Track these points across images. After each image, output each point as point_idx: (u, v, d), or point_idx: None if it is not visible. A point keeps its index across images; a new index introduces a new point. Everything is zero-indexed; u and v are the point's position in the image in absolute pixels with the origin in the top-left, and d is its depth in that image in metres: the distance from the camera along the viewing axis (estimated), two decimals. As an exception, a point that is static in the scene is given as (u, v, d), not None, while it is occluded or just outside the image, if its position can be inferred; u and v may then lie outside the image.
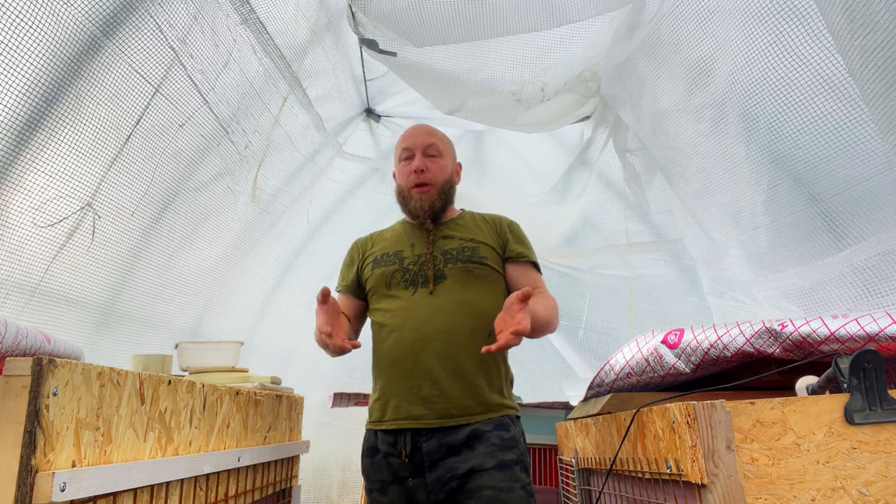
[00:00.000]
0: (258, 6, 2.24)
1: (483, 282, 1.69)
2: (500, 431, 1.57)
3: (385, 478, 1.60)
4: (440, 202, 1.77)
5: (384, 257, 1.76)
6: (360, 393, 3.25)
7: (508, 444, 1.56)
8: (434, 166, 1.78)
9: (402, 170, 1.80)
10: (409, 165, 1.78)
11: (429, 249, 1.71)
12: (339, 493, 3.76)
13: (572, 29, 2.47)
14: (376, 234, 1.90)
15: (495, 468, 1.51)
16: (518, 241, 1.81)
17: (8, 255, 1.68)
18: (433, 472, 1.53)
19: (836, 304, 1.99)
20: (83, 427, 0.95)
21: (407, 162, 1.79)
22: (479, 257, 1.70)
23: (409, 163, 1.78)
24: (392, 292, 1.70)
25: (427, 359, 1.58)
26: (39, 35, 1.52)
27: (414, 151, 1.78)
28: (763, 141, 2.01)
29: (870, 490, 0.98)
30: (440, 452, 1.54)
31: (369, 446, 1.67)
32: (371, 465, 1.64)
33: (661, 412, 1.13)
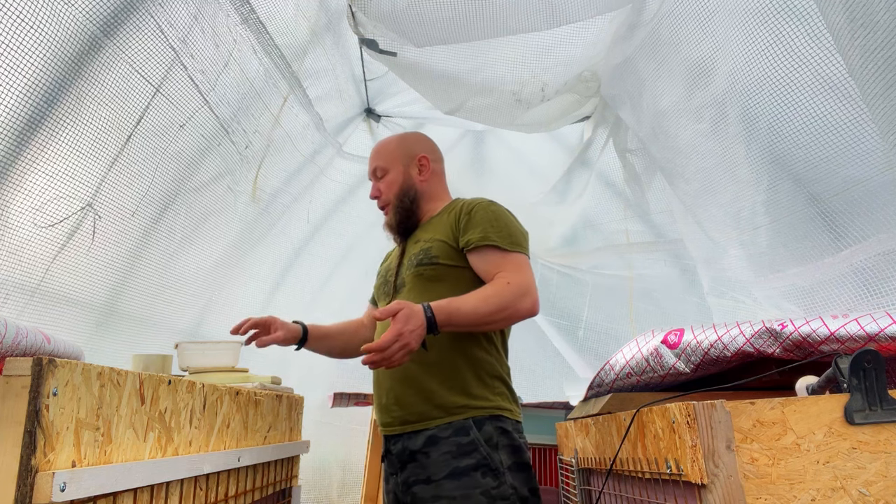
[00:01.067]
0: (258, 6, 2.24)
1: (438, 282, 1.61)
2: (457, 437, 1.50)
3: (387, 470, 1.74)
4: (398, 216, 1.83)
5: (379, 272, 1.93)
6: (360, 393, 3.25)
7: (465, 451, 1.49)
8: (383, 186, 1.87)
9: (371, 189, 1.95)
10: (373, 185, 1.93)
11: (398, 260, 1.81)
12: (339, 493, 3.76)
13: (572, 29, 2.47)
14: (384, 260, 2.03)
15: (447, 477, 1.46)
16: (472, 227, 1.61)
17: (8, 256, 1.68)
18: (401, 474, 1.61)
19: (836, 304, 1.99)
20: (83, 427, 0.95)
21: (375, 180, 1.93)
22: (429, 258, 1.63)
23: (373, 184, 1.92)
24: (380, 305, 1.84)
25: (382, 369, 1.63)
26: (40, 35, 1.52)
27: (372, 174, 1.91)
28: (763, 141, 2.01)
29: (870, 490, 0.98)
30: (405, 455, 1.60)
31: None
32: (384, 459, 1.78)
33: (661, 412, 1.13)
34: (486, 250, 1.58)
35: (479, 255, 1.59)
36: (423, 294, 1.59)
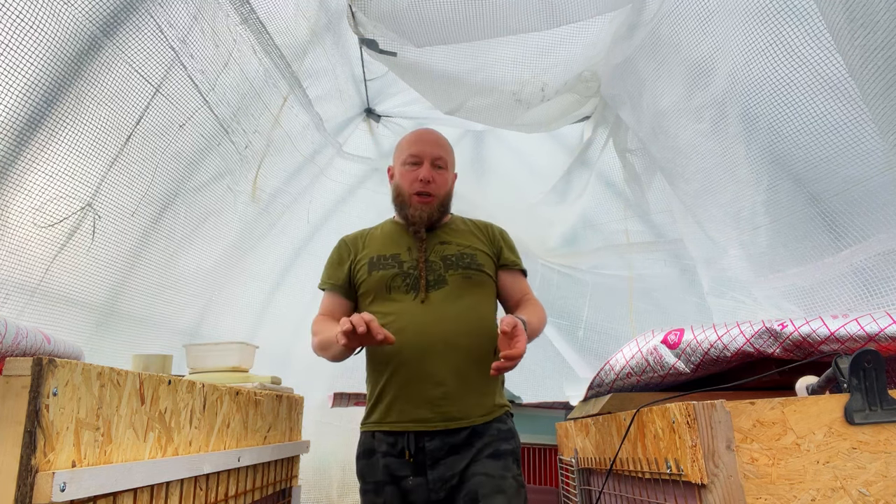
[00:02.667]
0: (258, 6, 2.24)
1: (480, 288, 1.74)
2: (498, 424, 1.65)
3: (379, 478, 1.61)
4: (438, 214, 1.79)
5: (381, 260, 1.75)
6: (360, 393, 3.25)
7: (505, 436, 1.64)
8: (440, 178, 1.78)
9: (405, 173, 1.78)
10: (414, 171, 1.76)
11: (422, 255, 1.74)
12: (339, 493, 3.76)
13: (572, 29, 2.47)
14: (366, 233, 1.88)
15: (489, 457, 1.58)
16: (510, 250, 1.87)
17: (8, 255, 1.68)
18: (435, 470, 1.56)
19: (836, 304, 1.99)
20: (83, 427, 0.95)
21: (413, 167, 1.77)
22: (477, 264, 1.74)
23: (416, 169, 1.77)
24: (393, 296, 1.69)
25: (432, 363, 1.60)
26: (40, 35, 1.52)
27: (422, 159, 1.77)
28: (763, 141, 2.01)
29: (870, 490, 0.98)
30: (442, 451, 1.57)
31: (365, 449, 1.68)
32: (367, 467, 1.65)
33: (661, 412, 1.13)
34: (518, 273, 1.86)
35: (512, 276, 1.84)
36: (464, 296, 1.70)
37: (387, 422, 1.63)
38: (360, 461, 1.68)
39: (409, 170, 1.77)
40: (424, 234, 1.78)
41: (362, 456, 1.68)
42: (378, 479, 1.61)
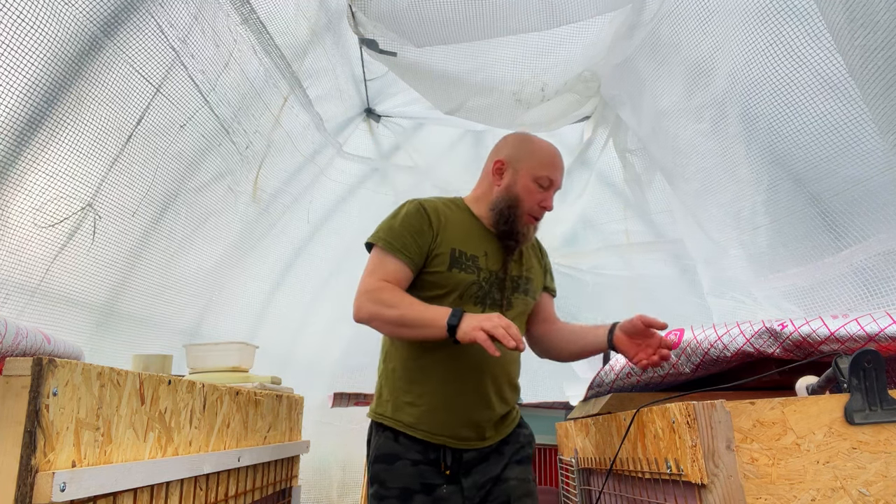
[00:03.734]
0: (258, 6, 2.24)
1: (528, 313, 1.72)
2: (520, 429, 1.66)
3: (408, 485, 1.50)
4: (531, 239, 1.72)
5: (463, 258, 1.59)
6: (360, 393, 3.25)
7: (528, 440, 1.66)
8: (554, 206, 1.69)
9: (533, 191, 1.61)
10: (541, 194, 1.62)
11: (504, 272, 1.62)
12: (339, 493, 3.76)
13: (572, 29, 2.47)
14: (443, 211, 1.65)
15: (517, 462, 1.60)
16: (551, 274, 1.84)
17: (8, 256, 1.68)
18: (469, 477, 1.54)
19: (836, 304, 1.99)
20: (83, 427, 0.95)
21: (542, 190, 1.62)
22: (534, 290, 1.70)
23: (543, 192, 1.62)
24: (463, 303, 1.56)
25: (485, 383, 1.55)
26: (40, 35, 1.52)
27: (554, 186, 1.64)
28: (763, 141, 2.01)
29: (870, 490, 0.98)
30: (476, 460, 1.57)
31: (387, 453, 1.54)
32: (388, 472, 1.52)
33: (661, 412, 1.13)
34: (550, 297, 1.82)
35: (549, 301, 1.80)
36: (523, 319, 1.68)
37: (420, 429, 1.53)
38: (379, 465, 1.54)
39: (538, 190, 1.62)
40: (515, 255, 1.66)
41: (382, 460, 1.54)
42: (404, 485, 1.50)
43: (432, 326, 1.40)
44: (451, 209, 1.66)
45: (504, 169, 1.67)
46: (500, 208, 1.63)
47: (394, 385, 1.59)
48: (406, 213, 1.61)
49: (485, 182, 1.71)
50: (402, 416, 1.55)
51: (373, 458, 1.57)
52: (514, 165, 1.65)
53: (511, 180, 1.64)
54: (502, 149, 1.72)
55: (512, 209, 1.62)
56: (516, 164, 1.65)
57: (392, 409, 1.57)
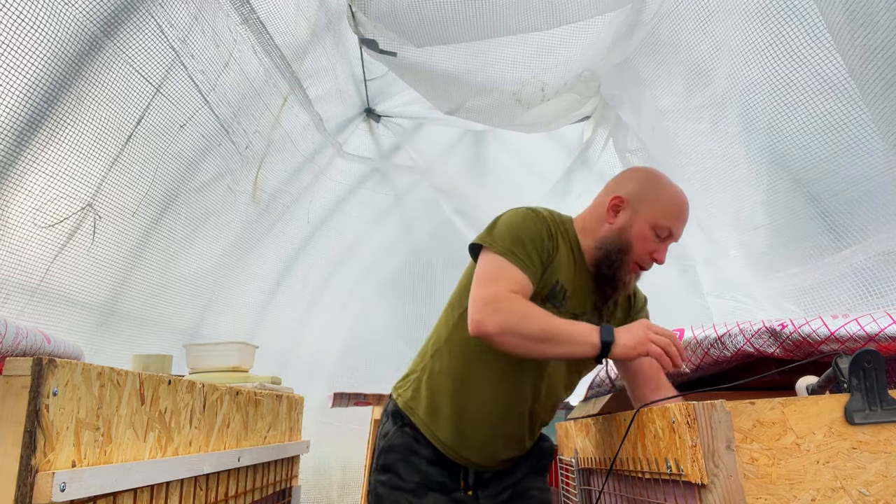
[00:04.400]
0: (258, 6, 2.24)
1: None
2: (541, 442, 1.63)
3: (425, 481, 1.45)
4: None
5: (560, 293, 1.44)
6: (360, 393, 3.25)
7: (548, 452, 1.63)
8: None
9: (647, 239, 1.44)
10: (655, 244, 1.45)
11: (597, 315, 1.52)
12: (339, 494, 3.76)
13: (572, 29, 2.47)
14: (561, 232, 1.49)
15: (535, 472, 1.59)
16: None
17: (8, 256, 1.68)
18: (487, 488, 1.53)
19: (836, 304, 1.99)
20: (83, 427, 0.95)
21: (658, 240, 1.45)
22: None
23: (658, 243, 1.45)
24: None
25: (525, 419, 1.49)
26: (40, 35, 1.52)
27: (672, 238, 1.47)
28: (763, 141, 2.01)
29: (870, 490, 0.98)
30: (490, 473, 1.55)
31: (405, 445, 1.47)
32: (404, 464, 1.45)
33: (661, 412, 1.13)
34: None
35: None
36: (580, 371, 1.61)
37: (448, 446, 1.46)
38: (394, 454, 1.47)
39: (653, 239, 1.45)
40: (612, 306, 1.55)
41: (399, 450, 1.47)
42: (421, 480, 1.44)
43: (581, 343, 1.25)
44: (563, 232, 1.50)
45: (622, 207, 1.48)
46: (608, 250, 1.46)
47: (435, 386, 1.48)
48: (529, 223, 1.43)
49: (596, 214, 1.52)
50: (434, 427, 1.47)
51: (387, 447, 1.48)
52: (634, 206, 1.47)
53: (626, 222, 1.46)
54: (624, 184, 1.53)
55: (620, 254, 1.45)
56: (637, 204, 1.47)
57: (426, 412, 1.48)
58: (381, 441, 1.52)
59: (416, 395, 1.51)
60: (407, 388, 1.54)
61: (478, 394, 1.44)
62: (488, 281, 1.34)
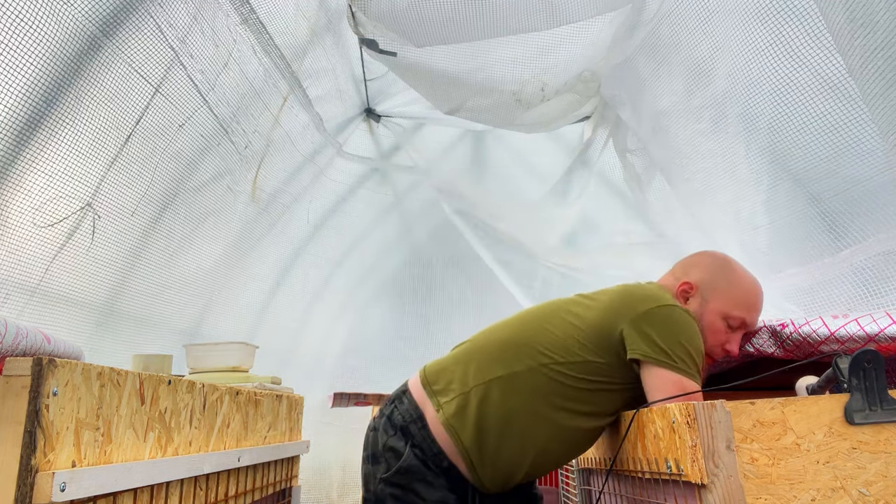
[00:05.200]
0: (258, 6, 2.24)
1: None
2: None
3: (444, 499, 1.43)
4: None
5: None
6: (360, 393, 3.25)
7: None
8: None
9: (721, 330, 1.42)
10: (728, 335, 1.42)
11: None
12: (339, 494, 3.76)
13: (572, 29, 2.47)
14: None
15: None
16: None
17: (8, 255, 1.68)
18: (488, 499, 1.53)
19: (836, 304, 1.99)
20: (83, 427, 0.95)
21: (729, 330, 1.42)
22: None
23: (730, 333, 1.42)
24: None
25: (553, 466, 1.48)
26: (39, 35, 1.52)
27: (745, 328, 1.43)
28: (763, 141, 2.01)
29: (870, 490, 0.98)
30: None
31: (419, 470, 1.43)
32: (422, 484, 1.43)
33: (661, 412, 1.13)
34: None
35: None
36: None
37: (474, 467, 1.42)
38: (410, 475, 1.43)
39: (725, 329, 1.42)
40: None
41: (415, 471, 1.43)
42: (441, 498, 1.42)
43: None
44: None
45: (691, 294, 1.46)
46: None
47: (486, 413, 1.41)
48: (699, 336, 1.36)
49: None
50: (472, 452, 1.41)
51: (404, 468, 1.43)
52: (705, 294, 1.44)
53: (697, 311, 1.43)
54: (695, 269, 1.49)
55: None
56: (708, 293, 1.44)
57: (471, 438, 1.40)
58: (389, 455, 1.46)
59: (461, 415, 1.42)
60: (450, 401, 1.44)
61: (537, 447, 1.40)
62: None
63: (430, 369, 1.53)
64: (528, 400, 1.39)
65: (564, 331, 1.43)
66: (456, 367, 1.48)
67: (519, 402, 1.39)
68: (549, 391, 1.36)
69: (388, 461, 1.47)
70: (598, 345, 1.38)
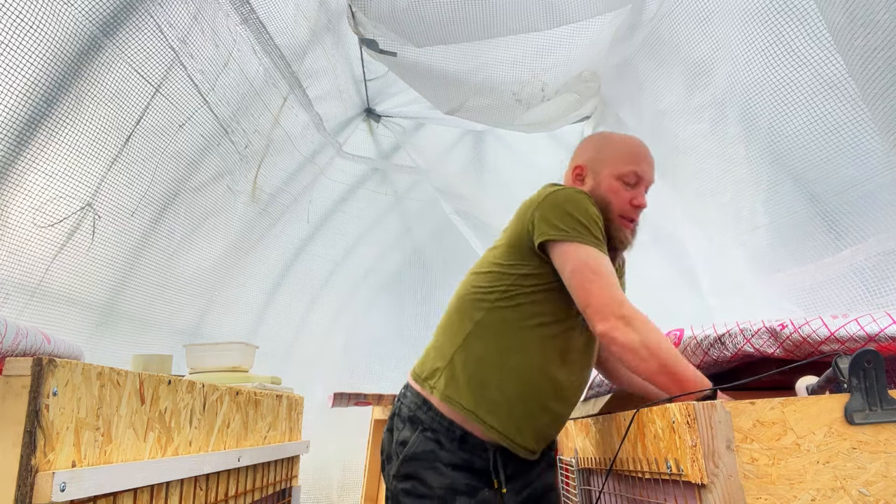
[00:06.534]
0: (258, 6, 2.24)
1: None
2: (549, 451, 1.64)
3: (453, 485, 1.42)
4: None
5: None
6: (360, 393, 3.25)
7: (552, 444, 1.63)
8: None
9: (619, 190, 1.51)
10: (630, 192, 1.51)
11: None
12: (338, 494, 3.76)
13: (572, 29, 2.47)
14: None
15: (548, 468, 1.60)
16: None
17: (8, 255, 1.68)
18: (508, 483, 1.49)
19: (836, 304, 1.99)
20: (83, 427, 0.95)
21: (629, 187, 1.51)
22: None
23: (632, 190, 1.51)
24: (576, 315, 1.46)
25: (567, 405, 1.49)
26: (39, 35, 1.52)
27: (642, 183, 1.53)
28: (763, 141, 2.01)
29: (870, 490, 0.98)
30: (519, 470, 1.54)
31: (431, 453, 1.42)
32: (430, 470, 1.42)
33: (661, 412, 1.13)
34: None
35: None
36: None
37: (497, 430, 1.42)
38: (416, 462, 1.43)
39: (625, 188, 1.51)
40: (621, 261, 1.59)
41: (422, 457, 1.43)
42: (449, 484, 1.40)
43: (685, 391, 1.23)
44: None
45: (584, 174, 1.58)
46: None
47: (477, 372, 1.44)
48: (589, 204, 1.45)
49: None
50: (484, 413, 1.42)
51: (409, 455, 1.44)
52: (595, 168, 1.55)
53: (594, 185, 1.54)
54: (580, 153, 1.62)
55: (603, 211, 1.49)
56: (597, 166, 1.55)
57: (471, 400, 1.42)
58: (399, 448, 1.46)
59: (453, 384, 1.44)
60: (438, 379, 1.47)
61: (531, 375, 1.42)
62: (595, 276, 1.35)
63: (416, 364, 1.58)
64: (498, 337, 1.45)
65: (489, 263, 1.52)
66: (431, 350, 1.54)
67: (493, 344, 1.45)
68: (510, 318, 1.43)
69: (397, 455, 1.48)
70: (520, 255, 1.47)
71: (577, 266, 1.37)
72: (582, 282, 1.35)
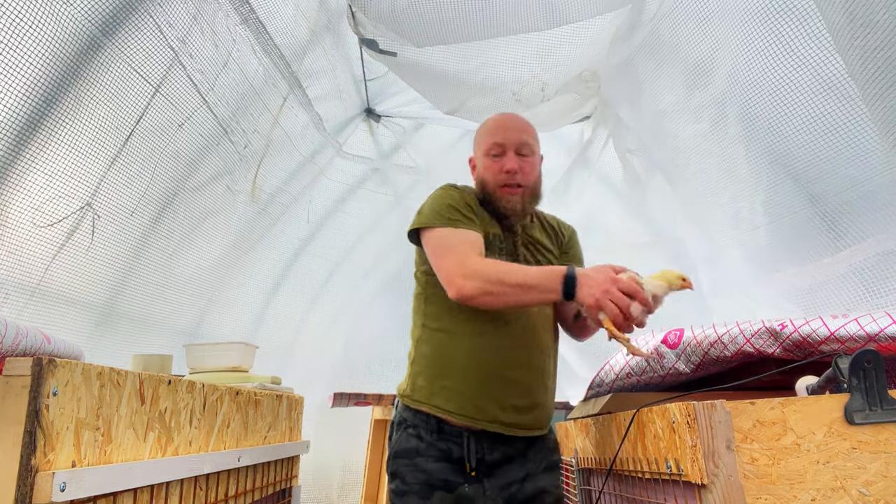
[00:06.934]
0: (258, 6, 2.24)
1: None
2: (550, 434, 1.64)
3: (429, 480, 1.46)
4: (532, 205, 1.64)
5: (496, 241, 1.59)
6: (360, 393, 3.25)
7: (554, 445, 1.63)
8: (527, 166, 1.60)
9: (489, 165, 1.61)
10: (498, 162, 1.59)
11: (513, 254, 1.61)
12: (338, 494, 3.76)
13: (572, 29, 2.47)
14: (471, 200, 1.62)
15: (546, 470, 1.57)
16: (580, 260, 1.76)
17: (8, 255, 1.68)
18: (491, 478, 1.49)
19: (836, 304, 1.99)
20: (83, 427, 0.95)
21: (496, 158, 1.60)
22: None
23: (499, 160, 1.60)
24: None
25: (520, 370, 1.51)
26: (39, 35, 1.52)
27: (506, 148, 1.59)
28: (763, 141, 2.01)
29: (870, 490, 0.98)
30: (500, 461, 1.52)
31: (408, 447, 1.50)
32: (409, 467, 1.48)
33: (661, 412, 1.13)
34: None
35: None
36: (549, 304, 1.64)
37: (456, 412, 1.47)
38: (400, 460, 1.50)
39: (493, 161, 1.60)
40: (519, 229, 1.64)
41: (403, 455, 1.50)
42: (425, 480, 1.46)
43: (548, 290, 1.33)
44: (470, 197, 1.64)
45: (472, 164, 1.73)
46: (481, 198, 1.64)
47: (427, 369, 1.55)
48: (447, 192, 1.60)
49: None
50: (440, 401, 1.49)
51: (392, 454, 1.53)
52: (475, 154, 1.70)
53: (478, 170, 1.67)
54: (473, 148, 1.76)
55: (485, 192, 1.62)
56: (476, 151, 1.70)
57: (427, 394, 1.52)
58: (389, 451, 1.57)
59: (413, 384, 1.57)
60: (405, 385, 1.61)
61: (472, 349, 1.50)
62: (445, 250, 1.48)
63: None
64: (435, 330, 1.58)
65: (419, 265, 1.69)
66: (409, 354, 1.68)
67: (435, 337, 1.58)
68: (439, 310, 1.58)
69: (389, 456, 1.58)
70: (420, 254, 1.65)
71: (430, 249, 1.53)
72: (434, 262, 1.51)
